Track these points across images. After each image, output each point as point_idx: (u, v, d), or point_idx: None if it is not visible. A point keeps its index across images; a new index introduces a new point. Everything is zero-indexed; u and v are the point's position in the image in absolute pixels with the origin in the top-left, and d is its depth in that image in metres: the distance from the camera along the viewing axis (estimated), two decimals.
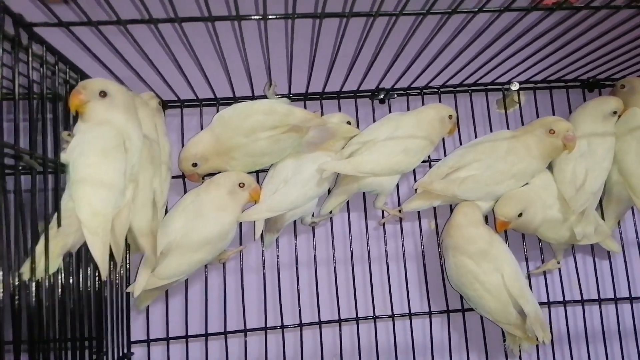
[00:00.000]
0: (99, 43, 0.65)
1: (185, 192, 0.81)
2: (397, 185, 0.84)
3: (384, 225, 0.85)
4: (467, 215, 0.76)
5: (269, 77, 0.79)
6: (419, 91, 0.90)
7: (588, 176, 0.78)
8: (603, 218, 0.85)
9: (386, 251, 0.84)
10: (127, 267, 0.80)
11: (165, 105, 0.85)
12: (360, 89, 0.87)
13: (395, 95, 0.90)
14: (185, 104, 0.86)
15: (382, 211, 0.85)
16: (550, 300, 0.85)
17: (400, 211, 0.83)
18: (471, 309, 0.81)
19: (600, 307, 0.85)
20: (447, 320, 0.84)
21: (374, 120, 0.86)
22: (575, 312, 0.86)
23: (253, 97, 0.84)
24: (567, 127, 0.77)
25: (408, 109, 0.88)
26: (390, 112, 0.88)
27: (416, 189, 0.81)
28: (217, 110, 0.84)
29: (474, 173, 0.78)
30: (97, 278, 0.71)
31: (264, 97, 0.84)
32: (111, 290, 0.75)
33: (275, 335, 0.81)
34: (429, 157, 0.86)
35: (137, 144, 0.63)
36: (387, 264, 0.83)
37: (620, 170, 0.82)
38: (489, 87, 0.90)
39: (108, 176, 0.59)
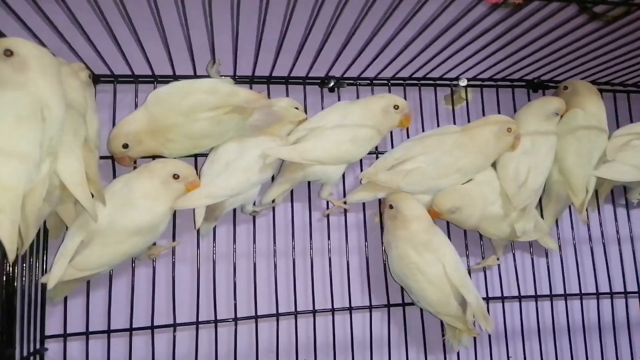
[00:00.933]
0: (26, 6, 0.58)
1: (114, 176, 0.74)
2: (343, 175, 0.81)
3: (328, 216, 0.82)
4: (410, 206, 0.75)
5: (212, 55, 0.74)
6: (369, 82, 0.88)
7: (530, 174, 0.79)
8: (542, 216, 0.86)
9: (329, 243, 0.81)
10: (45, 253, 0.72)
11: (96, 79, 0.78)
12: (309, 75, 0.84)
13: (345, 85, 0.87)
14: (120, 79, 0.79)
15: (327, 202, 0.82)
16: (489, 296, 0.85)
17: (345, 202, 0.80)
18: (412, 303, 0.79)
19: (536, 303, 0.87)
20: (387, 315, 0.82)
21: (323, 109, 0.84)
22: (512, 308, 0.87)
23: (195, 76, 0.79)
24: (515, 126, 0.78)
25: (357, 98, 0.86)
26: (339, 100, 0.86)
27: (361, 180, 0.79)
28: (155, 88, 0.78)
29: (420, 166, 0.77)
30: (5, 264, 0.63)
31: (207, 76, 0.79)
32: (22, 279, 0.67)
33: (207, 330, 0.76)
34: (377, 148, 0.84)
35: (57, 114, 0.56)
36: (330, 257, 0.81)
37: (561, 169, 0.83)
38: (437, 81, 0.90)
39: (20, 147, 0.52)
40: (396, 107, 0.78)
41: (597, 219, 0.92)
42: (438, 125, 0.89)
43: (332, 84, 0.86)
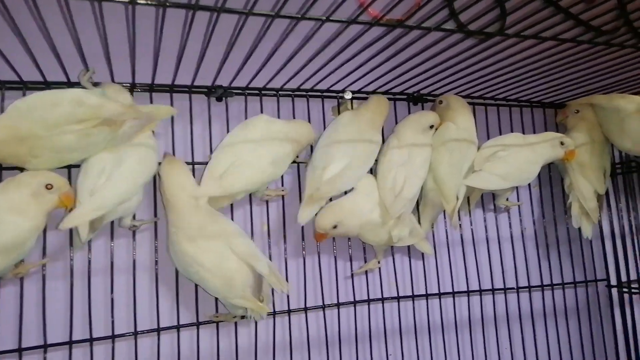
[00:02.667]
0: None
1: None
2: None
3: None
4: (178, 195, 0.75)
5: (83, 62, 0.71)
6: (257, 92, 0.88)
7: (406, 184, 0.84)
8: (419, 221, 0.92)
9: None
10: None
11: None
12: (195, 84, 0.83)
13: (233, 94, 0.87)
14: None
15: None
16: (370, 297, 0.90)
17: (283, 190, 0.86)
18: None
19: (413, 302, 0.93)
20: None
21: (209, 118, 0.84)
22: (392, 308, 0.93)
23: (68, 84, 0.75)
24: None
25: (246, 110, 0.87)
26: (227, 110, 0.86)
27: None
28: (24, 95, 0.73)
29: (344, 164, 0.82)
30: None
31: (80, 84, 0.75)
32: None
33: (82, 349, 0.73)
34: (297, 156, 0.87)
35: None
36: None
37: (435, 178, 0.90)
38: (325, 93, 0.92)
39: None
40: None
41: (469, 222, 1.00)
42: None
43: (219, 93, 0.85)
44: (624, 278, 1.10)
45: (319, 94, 0.92)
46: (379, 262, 0.90)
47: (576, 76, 0.93)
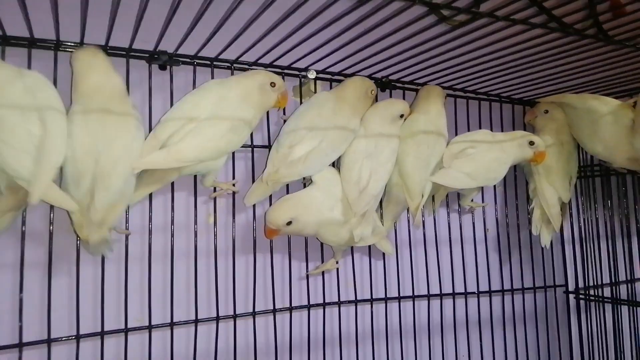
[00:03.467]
0: None
1: None
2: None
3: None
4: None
5: None
6: (208, 62, 0.77)
7: (371, 179, 0.77)
8: (382, 219, 0.85)
9: (172, 248, 0.71)
10: None
11: None
12: (134, 47, 0.70)
13: (180, 63, 0.75)
14: None
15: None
16: (326, 301, 0.82)
17: (234, 185, 0.76)
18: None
19: (371, 307, 0.86)
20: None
21: (150, 88, 0.72)
22: (349, 312, 0.86)
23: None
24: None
25: (194, 81, 0.75)
26: (172, 81, 0.74)
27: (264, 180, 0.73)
28: None
29: (312, 146, 0.74)
30: None
31: None
32: None
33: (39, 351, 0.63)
34: (252, 142, 0.79)
35: None
36: (172, 263, 0.71)
37: (400, 172, 0.83)
38: (285, 70, 0.82)
39: None
40: (273, 84, 0.72)
41: (433, 222, 0.94)
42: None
43: (163, 60, 0.74)
44: (581, 284, 1.08)
45: (279, 70, 0.82)
46: (337, 263, 0.82)
47: (547, 73, 0.89)
